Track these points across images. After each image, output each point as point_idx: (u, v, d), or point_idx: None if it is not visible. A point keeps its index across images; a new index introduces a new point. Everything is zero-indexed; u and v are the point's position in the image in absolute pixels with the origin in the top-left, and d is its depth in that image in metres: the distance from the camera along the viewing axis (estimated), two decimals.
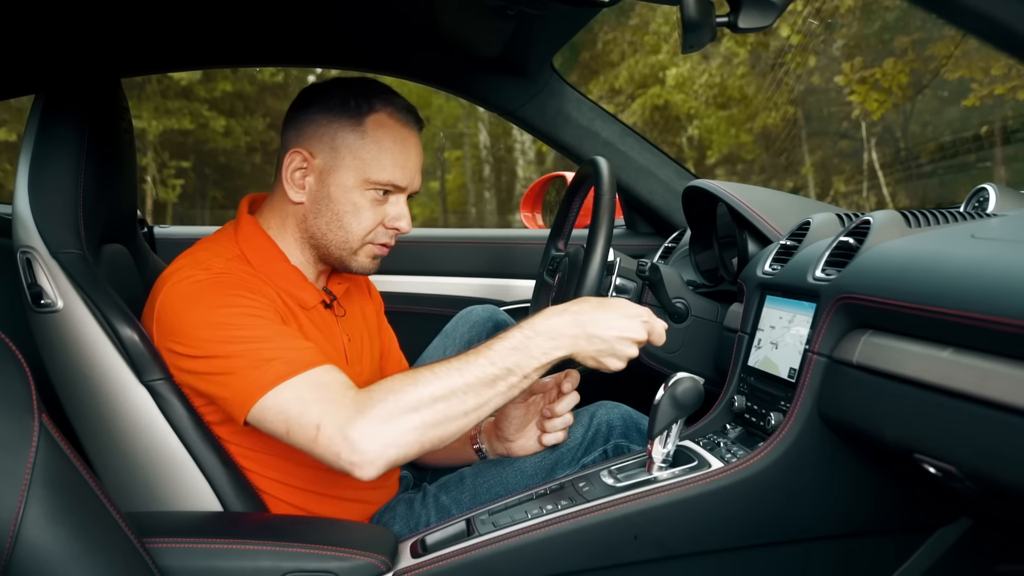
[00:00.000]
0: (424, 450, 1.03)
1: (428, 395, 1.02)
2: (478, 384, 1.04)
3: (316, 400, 1.02)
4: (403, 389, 1.02)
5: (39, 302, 1.19)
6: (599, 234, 1.33)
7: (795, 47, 10.29)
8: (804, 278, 1.18)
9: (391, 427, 1.00)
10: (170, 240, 2.12)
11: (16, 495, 0.79)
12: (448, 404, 1.02)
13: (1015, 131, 8.56)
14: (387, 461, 1.00)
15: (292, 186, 1.22)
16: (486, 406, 1.05)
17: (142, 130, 11.04)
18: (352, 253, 1.24)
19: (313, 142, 1.21)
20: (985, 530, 1.20)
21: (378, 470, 1.00)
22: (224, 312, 1.09)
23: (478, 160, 13.43)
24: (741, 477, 1.11)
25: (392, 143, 1.21)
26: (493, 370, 1.04)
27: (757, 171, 11.63)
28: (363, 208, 1.21)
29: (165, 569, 0.95)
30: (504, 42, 1.65)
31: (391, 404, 1.01)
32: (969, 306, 0.82)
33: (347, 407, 1.01)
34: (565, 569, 1.09)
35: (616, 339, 1.09)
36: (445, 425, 1.03)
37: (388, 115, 1.21)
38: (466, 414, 1.04)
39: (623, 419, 1.35)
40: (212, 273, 1.13)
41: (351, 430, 0.99)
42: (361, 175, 1.20)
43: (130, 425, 1.16)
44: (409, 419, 1.01)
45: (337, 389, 1.03)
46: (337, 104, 1.21)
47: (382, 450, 1.00)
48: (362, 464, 0.99)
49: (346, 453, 0.99)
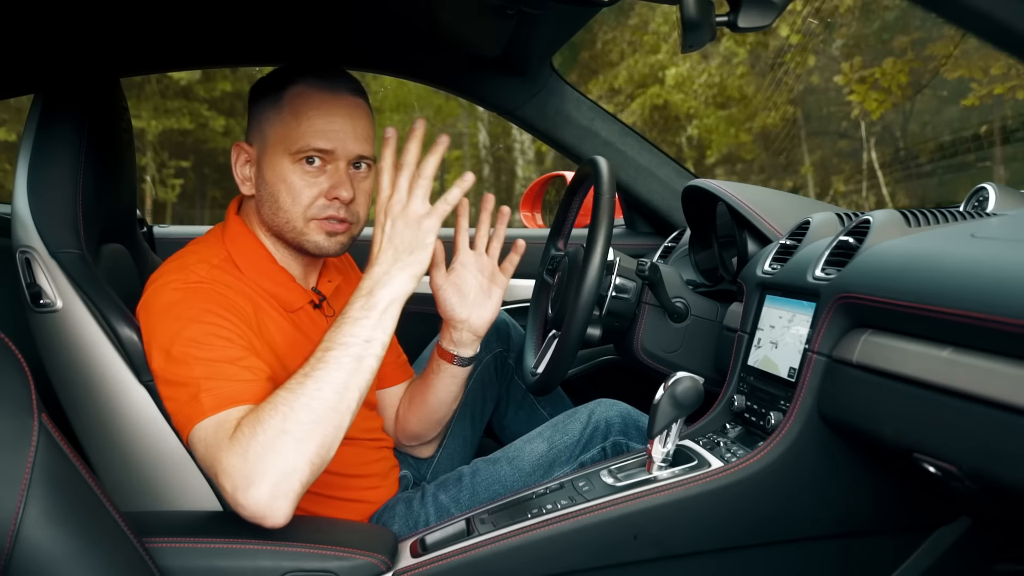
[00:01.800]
0: (316, 469, 0.98)
1: (289, 411, 0.97)
2: (323, 371, 0.99)
3: (212, 445, 0.99)
4: (265, 416, 0.97)
5: (38, 302, 1.19)
6: (599, 233, 1.33)
7: (794, 47, 10.29)
8: (804, 277, 1.18)
9: (271, 461, 0.95)
10: (170, 240, 2.12)
11: (16, 495, 0.79)
12: (310, 411, 0.97)
13: (1014, 131, 8.56)
14: (287, 496, 0.95)
15: (242, 181, 1.23)
16: (348, 391, 1.00)
17: (141, 130, 11.03)
18: (300, 233, 1.20)
19: (249, 133, 1.23)
20: (984, 530, 1.20)
21: (282, 512, 0.95)
22: (190, 326, 1.08)
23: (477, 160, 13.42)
24: (741, 476, 1.11)
25: (310, 110, 1.16)
26: (335, 353, 1.01)
27: (756, 171, 11.63)
28: (294, 183, 1.18)
29: (165, 569, 0.95)
30: (504, 41, 1.64)
31: (261, 435, 0.96)
32: (969, 305, 0.82)
33: (231, 452, 0.96)
34: (565, 569, 1.09)
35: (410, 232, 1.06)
36: (320, 431, 0.97)
37: (307, 85, 1.18)
38: (333, 408, 0.98)
39: (621, 417, 1.35)
40: (190, 282, 1.13)
41: (239, 479, 0.95)
42: (284, 149, 1.17)
43: (129, 424, 1.16)
44: (283, 444, 0.95)
45: (228, 432, 0.99)
46: (262, 89, 1.21)
47: (274, 489, 0.95)
48: (263, 513, 0.95)
49: (244, 508, 0.95)
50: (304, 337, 1.23)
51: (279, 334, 1.19)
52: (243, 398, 1.03)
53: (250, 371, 1.06)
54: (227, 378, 1.04)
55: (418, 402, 1.44)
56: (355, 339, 1.02)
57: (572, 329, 1.33)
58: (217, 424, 1.01)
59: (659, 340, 1.55)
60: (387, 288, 1.04)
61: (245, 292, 1.18)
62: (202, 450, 1.01)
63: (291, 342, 1.20)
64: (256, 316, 1.17)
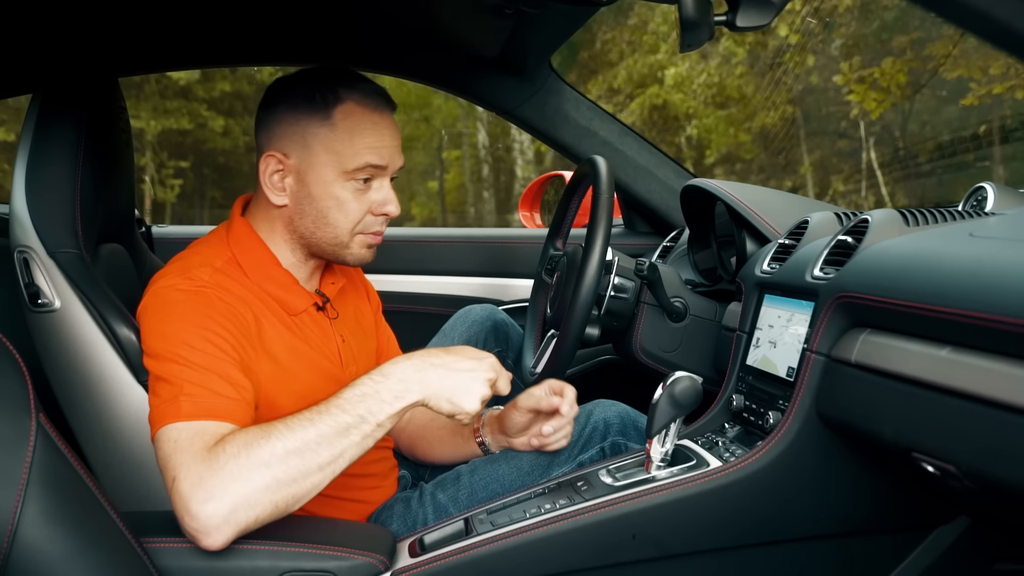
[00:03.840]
0: (277, 512, 0.96)
1: (282, 449, 0.96)
2: (331, 434, 0.99)
3: (182, 450, 0.97)
4: (255, 444, 0.96)
5: (36, 302, 1.19)
6: (597, 233, 1.33)
7: (793, 47, 10.29)
8: (802, 277, 1.18)
9: (241, 487, 0.93)
10: (168, 240, 2.12)
11: (13, 495, 0.79)
12: (302, 458, 0.96)
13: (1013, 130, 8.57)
14: (236, 526, 0.93)
15: (272, 190, 1.20)
16: (341, 458, 0.99)
17: (141, 130, 11.03)
18: (344, 247, 1.22)
19: (285, 142, 1.19)
20: (983, 529, 1.20)
21: (226, 537, 0.93)
22: (187, 329, 1.07)
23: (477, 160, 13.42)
24: (739, 476, 1.11)
25: (363, 129, 1.18)
26: (345, 418, 1.00)
27: (756, 170, 11.63)
28: (346, 200, 1.19)
29: (163, 569, 0.95)
30: (502, 41, 1.64)
31: (243, 460, 0.94)
32: (967, 304, 0.82)
33: (202, 463, 0.95)
34: (563, 568, 1.09)
35: (467, 378, 1.06)
36: (299, 482, 0.97)
37: (355, 103, 1.18)
38: (321, 468, 0.98)
39: (620, 417, 1.35)
40: (194, 286, 1.12)
41: (199, 490, 0.93)
42: (338, 168, 1.17)
43: (127, 424, 1.16)
44: (261, 476, 0.94)
45: (206, 443, 0.98)
46: (302, 99, 1.18)
47: (229, 514, 0.92)
48: (207, 531, 0.92)
49: (190, 518, 0.93)
50: (305, 343, 1.23)
51: (279, 341, 1.19)
52: (223, 414, 1.02)
53: (235, 389, 1.05)
54: (211, 389, 1.03)
55: (427, 445, 1.46)
56: (371, 418, 1.01)
57: (571, 329, 1.34)
58: (194, 432, 0.99)
59: (658, 340, 1.55)
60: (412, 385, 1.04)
61: (246, 298, 1.17)
62: (168, 450, 0.98)
63: (291, 349, 1.20)
64: (256, 324, 1.16)
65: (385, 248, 2.16)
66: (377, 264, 1.36)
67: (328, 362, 1.25)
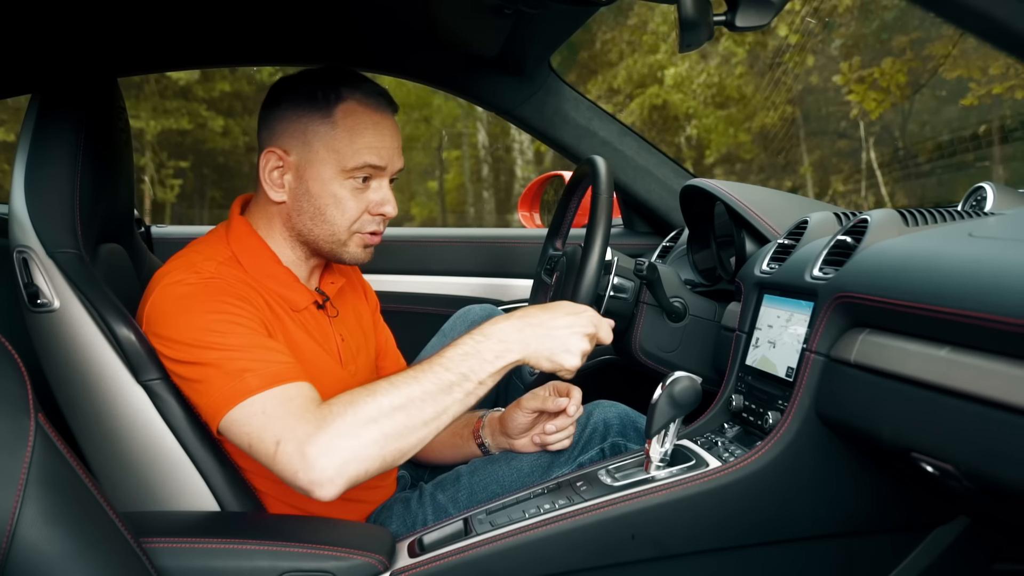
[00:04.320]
0: (385, 465, 1.00)
1: (387, 405, 1.00)
2: (435, 391, 1.02)
3: (279, 415, 1.01)
4: (361, 401, 1.00)
5: (36, 302, 1.19)
6: (597, 233, 1.33)
7: (793, 47, 10.29)
8: (802, 277, 1.18)
9: (351, 442, 0.98)
10: (168, 240, 2.12)
11: (12, 495, 0.79)
12: (407, 414, 1.01)
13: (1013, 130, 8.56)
14: (348, 478, 0.98)
15: (271, 186, 1.21)
16: (445, 414, 1.03)
17: (140, 130, 11.03)
18: (342, 245, 1.23)
19: (286, 139, 1.20)
20: (983, 529, 1.20)
21: (338, 488, 0.98)
22: (209, 318, 1.09)
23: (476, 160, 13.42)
24: (739, 476, 1.11)
25: (364, 129, 1.19)
26: (448, 376, 1.03)
27: (755, 170, 11.64)
28: (344, 199, 1.20)
29: (162, 569, 0.95)
30: (502, 41, 1.64)
31: (350, 417, 0.99)
32: (966, 304, 0.82)
33: (308, 423, 0.99)
34: (563, 568, 1.09)
35: (565, 334, 1.09)
36: (406, 436, 1.01)
37: (357, 102, 1.19)
38: (425, 423, 1.02)
39: (620, 418, 1.35)
40: (203, 277, 1.13)
41: (310, 447, 0.97)
42: (337, 166, 1.18)
43: (127, 425, 1.16)
44: (369, 432, 0.99)
45: (302, 404, 1.02)
46: (304, 98, 1.20)
47: (341, 467, 0.97)
48: (321, 483, 0.97)
49: (304, 471, 0.97)
50: (310, 338, 1.23)
51: (285, 333, 1.20)
52: (293, 376, 1.05)
53: (281, 353, 1.09)
54: (264, 360, 1.06)
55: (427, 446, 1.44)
56: (473, 375, 1.05)
57: None
58: (280, 397, 1.02)
59: (657, 340, 1.55)
60: (516, 345, 1.07)
61: (255, 288, 1.19)
62: (260, 422, 1.01)
63: (296, 343, 1.20)
64: (268, 311, 1.18)
65: (385, 248, 2.16)
66: (377, 264, 1.36)
67: (329, 358, 1.26)
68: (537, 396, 1.29)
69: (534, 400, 1.28)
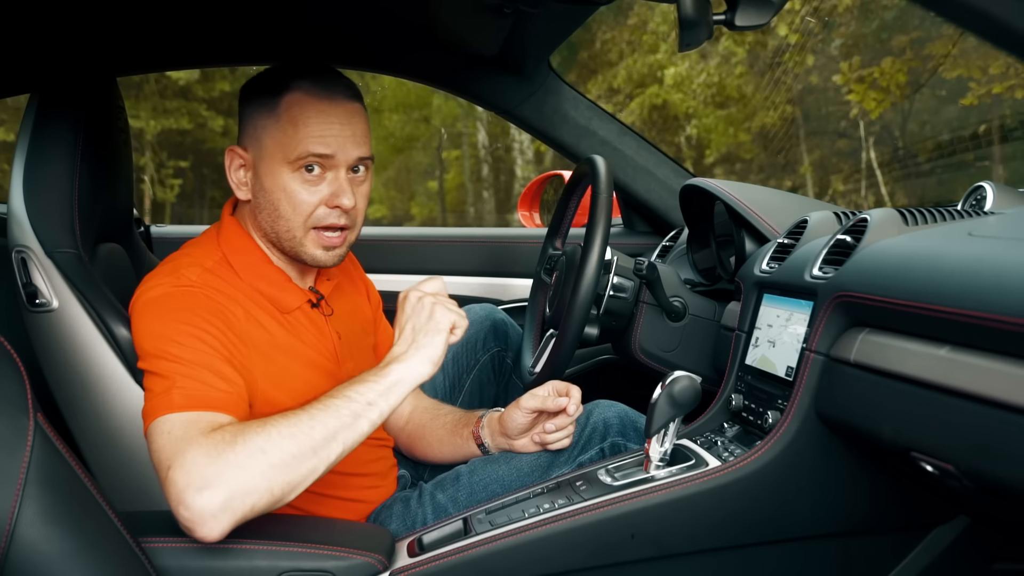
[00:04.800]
0: (273, 500, 0.95)
1: (276, 433, 0.96)
2: (322, 416, 0.99)
3: (178, 439, 0.97)
4: (251, 430, 0.97)
5: (34, 301, 1.19)
6: (596, 232, 1.33)
7: (793, 46, 10.28)
8: (801, 276, 1.18)
9: (238, 473, 0.93)
10: (167, 239, 2.12)
11: (11, 495, 0.79)
12: (295, 441, 0.96)
13: (1013, 130, 8.56)
14: (233, 514, 0.92)
15: (237, 185, 1.21)
16: (335, 440, 0.99)
17: (140, 130, 11.02)
18: (299, 243, 1.20)
19: (244, 137, 1.20)
20: (982, 528, 1.20)
21: (222, 527, 0.92)
22: (173, 327, 1.07)
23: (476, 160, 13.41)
24: (738, 476, 1.11)
25: (307, 118, 1.16)
26: (334, 401, 1.01)
27: (755, 170, 11.63)
28: (295, 192, 1.17)
29: (161, 569, 0.95)
30: (501, 40, 1.64)
31: (239, 446, 0.94)
32: (966, 304, 0.82)
33: (200, 450, 0.94)
34: (562, 568, 1.09)
35: (424, 317, 1.09)
36: (293, 466, 0.96)
37: (304, 92, 1.17)
38: (315, 450, 0.97)
39: (619, 418, 1.35)
40: (180, 285, 1.12)
41: (195, 478, 0.92)
42: (282, 158, 1.16)
43: (125, 424, 1.16)
44: (256, 462, 0.94)
45: (203, 431, 0.97)
46: (256, 93, 1.20)
47: (227, 502, 0.91)
48: (203, 519, 0.91)
49: (185, 507, 0.91)
50: (298, 341, 1.22)
51: (272, 339, 1.18)
52: (216, 405, 1.02)
53: (226, 382, 1.05)
54: (202, 381, 1.03)
55: (426, 445, 1.45)
56: (360, 397, 1.03)
57: (570, 328, 1.33)
58: (188, 421, 0.99)
59: (657, 339, 1.55)
60: (401, 365, 1.06)
61: (236, 297, 1.17)
62: (163, 442, 0.98)
63: (285, 346, 1.20)
64: (248, 320, 1.16)
65: (385, 248, 2.17)
66: (377, 264, 1.36)
67: (324, 359, 1.25)
68: (536, 396, 1.28)
69: (533, 400, 1.28)
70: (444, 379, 1.64)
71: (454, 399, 1.63)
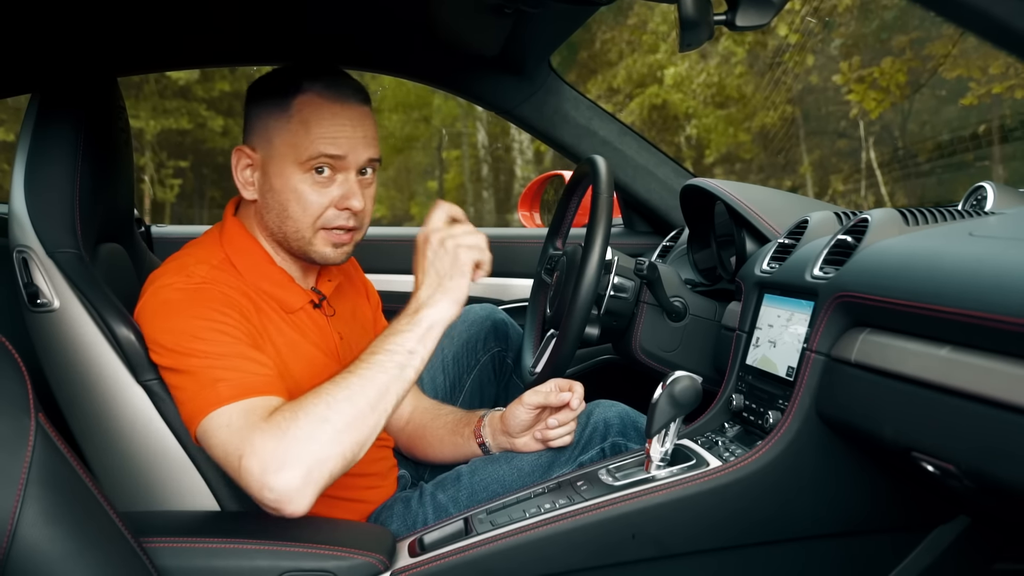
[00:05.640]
0: (346, 462, 1.01)
1: (331, 399, 1.01)
2: (369, 373, 1.05)
3: (242, 428, 1.00)
4: (308, 403, 1.02)
5: (35, 302, 1.19)
6: (597, 232, 1.33)
7: (793, 46, 10.29)
8: (802, 276, 1.18)
9: (310, 446, 0.98)
10: (168, 239, 2.12)
11: (12, 495, 0.79)
12: (352, 403, 1.02)
13: (1013, 130, 8.56)
14: (315, 486, 0.99)
15: (243, 185, 1.22)
16: (388, 393, 1.05)
17: (140, 130, 11.02)
18: (307, 243, 1.21)
19: (253, 137, 1.21)
20: (983, 528, 1.20)
21: (307, 500, 0.98)
22: (194, 324, 1.09)
23: (476, 159, 13.41)
24: (739, 476, 1.11)
25: (320, 119, 1.17)
26: (376, 357, 1.06)
27: (755, 170, 11.63)
28: (305, 193, 1.18)
29: (162, 569, 0.95)
30: (502, 40, 1.64)
31: (303, 420, 1.00)
32: (967, 304, 0.82)
33: (267, 435, 0.99)
34: (563, 568, 1.09)
35: (449, 260, 1.12)
36: (357, 426, 1.02)
37: (316, 93, 1.18)
38: (372, 407, 1.03)
39: (620, 417, 1.35)
40: (193, 282, 1.14)
41: (271, 461, 0.97)
42: (294, 159, 1.17)
43: (127, 424, 1.16)
44: (323, 431, 0.99)
45: (263, 416, 1.02)
46: (266, 93, 1.20)
47: (306, 475, 0.98)
48: (289, 497, 0.98)
49: (269, 489, 0.97)
50: (304, 339, 1.23)
51: (279, 336, 1.19)
52: (264, 389, 1.05)
53: (262, 365, 1.09)
54: (241, 370, 1.06)
55: (427, 444, 1.45)
56: (400, 348, 1.07)
57: (570, 328, 1.33)
58: (245, 410, 1.02)
59: (657, 339, 1.55)
60: (431, 310, 1.10)
61: (246, 292, 1.18)
62: (224, 435, 1.01)
63: (290, 344, 1.20)
64: (256, 315, 1.18)
65: (385, 248, 2.17)
66: (377, 264, 1.36)
67: (328, 358, 1.25)
68: (540, 392, 1.29)
69: (536, 396, 1.28)
70: (444, 379, 1.64)
71: (454, 399, 1.63)
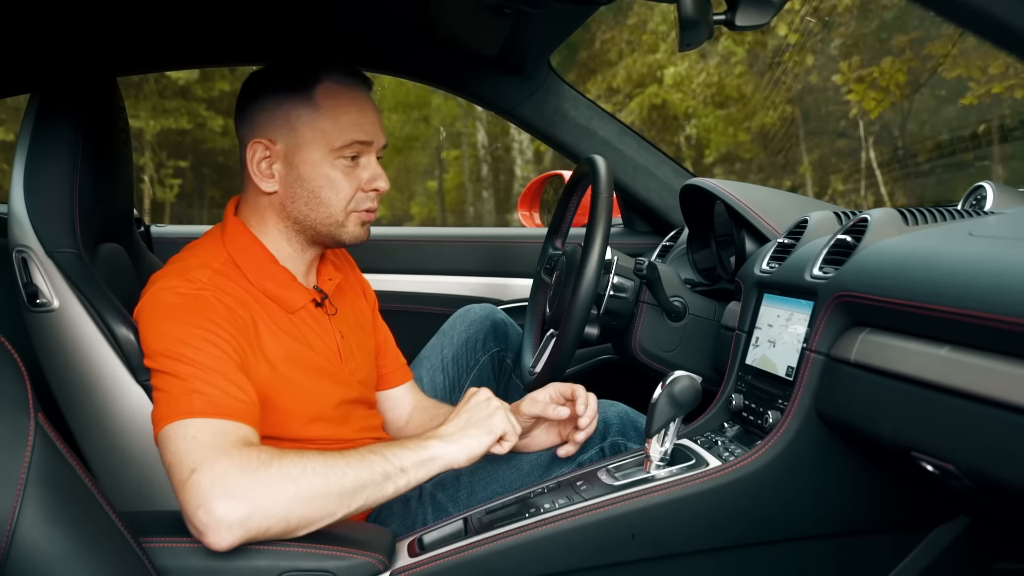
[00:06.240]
0: (287, 529, 0.96)
1: (310, 468, 0.98)
2: (358, 465, 1.01)
3: (207, 445, 0.97)
4: (288, 458, 0.98)
5: (35, 301, 1.19)
6: (596, 232, 1.33)
7: (793, 46, 10.29)
8: (801, 276, 1.18)
9: (264, 493, 0.94)
10: (167, 239, 2.12)
11: (12, 495, 0.79)
12: (326, 479, 0.98)
13: (1013, 129, 8.56)
14: (247, 531, 0.93)
15: (261, 178, 1.21)
16: (361, 492, 1.00)
17: (140, 130, 11.02)
18: (340, 226, 1.24)
19: (270, 129, 1.20)
20: (983, 528, 1.20)
21: (234, 538, 0.92)
22: (188, 331, 1.07)
23: (476, 159, 13.41)
24: (739, 475, 1.11)
25: (346, 107, 1.20)
26: (372, 456, 1.03)
27: (755, 170, 11.63)
28: (337, 179, 1.21)
29: (162, 568, 0.95)
30: (501, 40, 1.64)
31: (274, 470, 0.96)
32: (966, 304, 0.82)
33: (232, 461, 0.95)
34: (563, 568, 1.09)
35: (485, 414, 1.13)
36: (316, 503, 0.97)
37: (335, 82, 1.21)
38: (340, 496, 0.98)
39: (620, 417, 1.35)
40: (195, 288, 1.12)
41: (221, 486, 0.93)
42: (326, 147, 1.19)
43: (126, 424, 1.16)
44: (285, 489, 0.95)
45: (233, 442, 0.98)
46: (282, 85, 1.21)
47: (245, 518, 0.92)
48: (218, 527, 0.92)
49: (204, 510, 0.92)
50: (304, 344, 1.22)
51: (277, 346, 1.18)
52: (238, 415, 1.02)
53: (243, 392, 1.06)
54: (222, 389, 1.04)
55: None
56: (395, 461, 1.04)
57: (570, 328, 1.34)
58: (216, 430, 1.00)
59: (657, 339, 1.55)
60: (442, 445, 1.08)
61: (245, 300, 1.17)
62: (186, 446, 0.98)
63: (289, 353, 1.19)
64: (254, 327, 1.16)
65: (384, 248, 2.17)
66: (377, 264, 1.36)
67: (326, 361, 1.25)
68: (537, 402, 1.28)
69: (534, 406, 1.28)
70: (444, 379, 1.64)
71: (454, 399, 1.63)
